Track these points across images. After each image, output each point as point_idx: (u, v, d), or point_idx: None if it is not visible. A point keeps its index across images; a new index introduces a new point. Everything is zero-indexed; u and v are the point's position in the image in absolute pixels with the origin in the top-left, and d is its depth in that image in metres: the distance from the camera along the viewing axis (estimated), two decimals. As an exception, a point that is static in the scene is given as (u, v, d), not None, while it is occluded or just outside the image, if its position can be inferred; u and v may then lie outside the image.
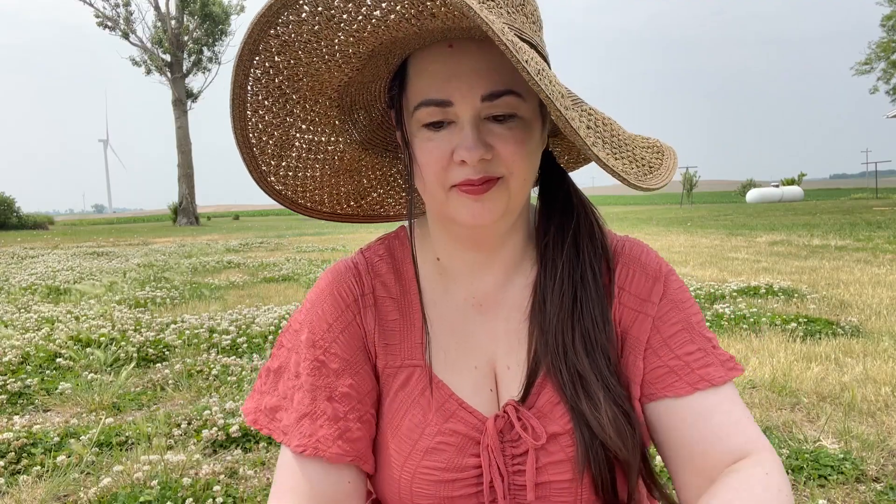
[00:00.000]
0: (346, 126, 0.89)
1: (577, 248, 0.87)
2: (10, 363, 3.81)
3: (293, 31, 0.68)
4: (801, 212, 22.01)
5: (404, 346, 0.88)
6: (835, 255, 8.67)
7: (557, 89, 0.64)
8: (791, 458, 2.35)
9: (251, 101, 0.77)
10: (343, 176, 0.95)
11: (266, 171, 0.87)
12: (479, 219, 0.77)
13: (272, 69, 0.74)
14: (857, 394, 3.03)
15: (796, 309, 5.01)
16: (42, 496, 2.24)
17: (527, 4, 0.77)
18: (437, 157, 0.76)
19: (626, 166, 0.75)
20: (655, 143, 0.85)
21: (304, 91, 0.80)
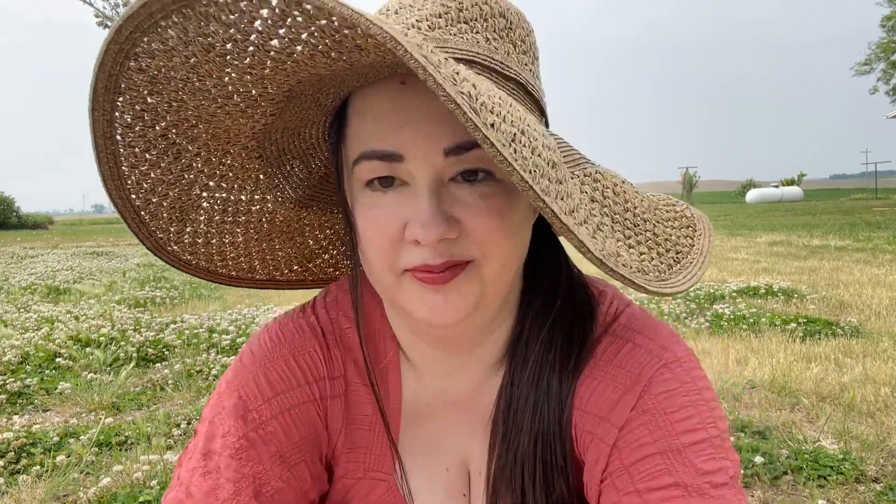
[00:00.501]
0: (276, 181, 0.70)
1: (551, 343, 0.67)
2: (9, 363, 3.81)
3: (162, 63, 0.49)
4: (801, 212, 22.02)
5: (372, 452, 0.72)
6: (834, 255, 8.67)
7: (542, 158, 0.47)
8: (791, 458, 2.36)
9: (125, 153, 0.58)
10: (278, 239, 0.76)
11: (164, 240, 0.68)
12: (441, 316, 0.58)
13: (147, 113, 0.55)
14: (857, 394, 3.03)
15: (796, 309, 5.01)
16: (42, 496, 2.24)
17: (515, 28, 0.61)
18: (382, 233, 0.57)
19: (642, 256, 0.58)
20: (684, 211, 0.68)
21: (204, 140, 0.61)
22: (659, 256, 0.59)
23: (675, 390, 0.63)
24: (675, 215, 0.66)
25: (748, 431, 2.65)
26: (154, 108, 0.55)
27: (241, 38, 0.46)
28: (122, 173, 0.59)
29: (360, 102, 0.58)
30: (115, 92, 0.52)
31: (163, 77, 0.51)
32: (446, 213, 0.55)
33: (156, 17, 0.44)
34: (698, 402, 0.62)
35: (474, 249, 0.57)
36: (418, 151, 0.55)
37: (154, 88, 0.53)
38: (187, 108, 0.55)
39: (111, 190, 0.60)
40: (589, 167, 0.62)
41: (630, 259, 0.55)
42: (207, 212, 0.68)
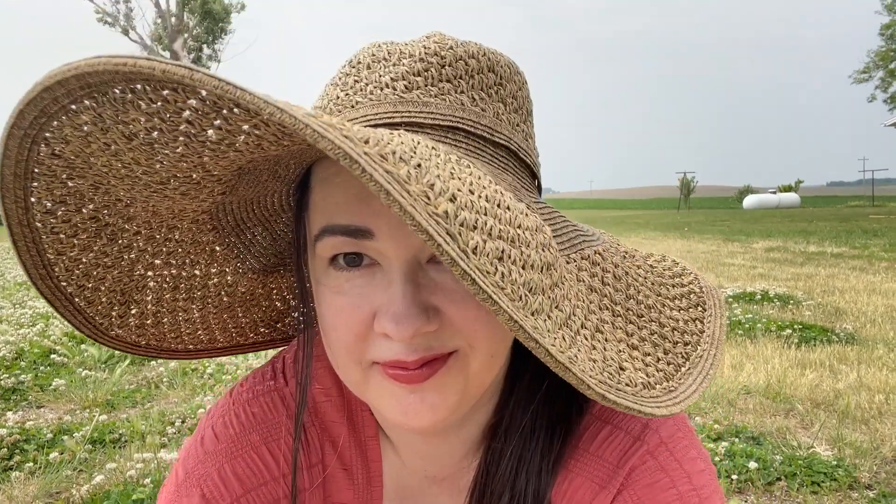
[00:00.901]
0: (235, 251, 0.61)
1: (532, 432, 0.60)
2: (4, 359, 3.80)
3: (78, 149, 0.42)
4: (798, 218, 22.07)
5: None
6: (831, 262, 8.69)
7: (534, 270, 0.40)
8: (784, 464, 2.36)
9: (48, 240, 0.50)
10: (241, 308, 0.68)
11: (105, 325, 0.59)
12: (416, 420, 0.50)
13: (70, 197, 0.48)
14: (851, 401, 3.03)
15: (792, 315, 5.02)
16: (34, 493, 2.23)
17: (506, 83, 0.55)
18: (348, 323, 0.49)
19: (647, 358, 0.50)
20: (692, 286, 0.61)
21: (144, 218, 0.53)
22: (666, 355, 0.51)
23: (659, 482, 0.56)
24: (683, 291, 0.59)
25: (742, 437, 2.65)
26: (77, 191, 0.47)
27: (167, 128, 0.38)
28: (47, 261, 0.51)
29: (324, 170, 0.50)
30: (26, 178, 0.44)
31: (81, 163, 0.44)
32: (424, 302, 0.47)
33: (62, 102, 0.38)
34: (688, 495, 0.55)
35: (457, 340, 0.49)
36: (391, 227, 0.46)
37: (74, 173, 0.45)
38: (117, 190, 0.48)
39: (35, 279, 0.51)
40: (587, 248, 0.55)
41: (634, 370, 0.47)
42: (155, 291, 0.59)
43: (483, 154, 0.52)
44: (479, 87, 0.53)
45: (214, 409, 0.65)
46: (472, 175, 0.40)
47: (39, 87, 0.36)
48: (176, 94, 0.35)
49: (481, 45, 0.55)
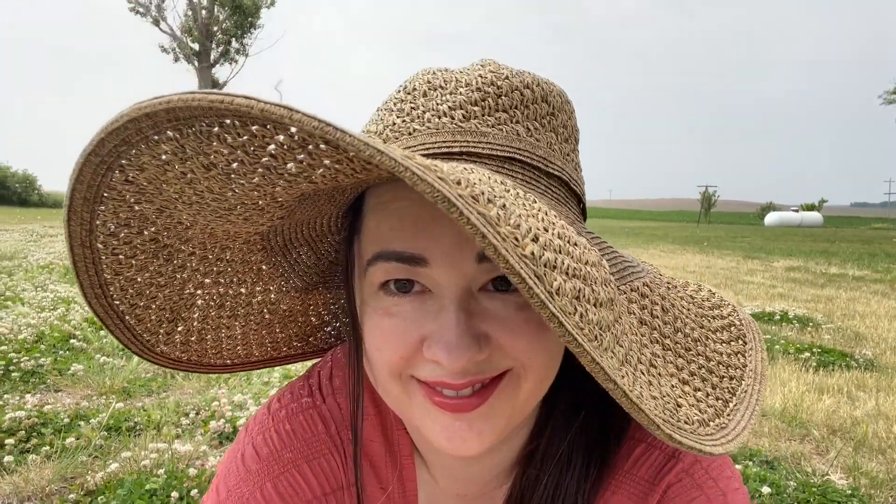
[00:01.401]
0: (281, 270, 0.62)
1: (569, 460, 0.60)
2: (24, 341, 3.85)
3: (153, 176, 0.43)
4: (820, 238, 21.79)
5: None
6: (852, 284, 8.57)
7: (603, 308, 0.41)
8: (798, 490, 2.33)
9: (108, 261, 0.50)
10: (279, 325, 0.69)
11: (153, 342, 0.60)
12: (461, 447, 0.49)
13: (134, 220, 0.48)
14: (869, 429, 2.99)
15: (811, 338, 4.96)
16: (50, 476, 2.26)
17: (558, 114, 0.55)
18: (396, 346, 0.49)
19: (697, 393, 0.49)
20: (731, 318, 0.61)
21: (201, 240, 0.54)
22: (714, 389, 0.51)
23: (696, 500, 0.57)
24: (724, 324, 0.59)
25: (756, 460, 2.62)
26: (143, 215, 0.48)
27: (249, 160, 0.38)
28: (104, 281, 0.51)
29: (378, 196, 0.51)
30: (95, 202, 0.45)
31: (153, 189, 0.44)
32: (475, 330, 0.47)
33: (146, 133, 0.38)
34: None
35: (509, 362, 0.49)
36: (446, 256, 0.47)
37: (143, 198, 0.45)
38: (181, 214, 0.48)
39: (90, 298, 0.52)
40: (636, 280, 0.54)
41: (689, 406, 0.47)
42: (202, 309, 0.61)
43: (538, 185, 0.52)
44: (534, 117, 0.53)
45: (253, 425, 0.66)
46: (541, 211, 0.41)
47: (125, 118, 0.36)
48: (265, 129, 0.35)
49: (535, 74, 0.56)
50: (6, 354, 3.56)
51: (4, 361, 3.46)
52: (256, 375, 3.54)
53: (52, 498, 2.16)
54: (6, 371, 3.38)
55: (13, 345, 3.75)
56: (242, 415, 2.81)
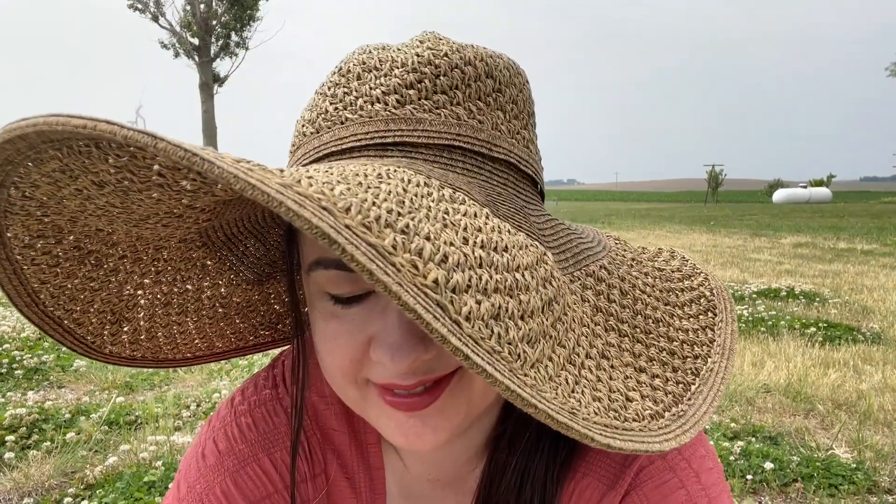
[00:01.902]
0: (228, 264, 0.60)
1: (537, 442, 0.59)
2: (27, 339, 3.87)
3: (49, 192, 0.41)
4: (829, 214, 21.64)
5: None
6: (860, 259, 8.50)
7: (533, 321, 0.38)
8: (802, 465, 2.31)
9: (31, 271, 0.49)
10: (238, 315, 0.67)
11: (98, 344, 0.58)
12: (416, 442, 0.49)
13: (47, 231, 0.47)
14: (874, 403, 2.96)
15: (817, 313, 4.92)
16: (50, 472, 2.27)
17: (505, 89, 0.52)
18: (343, 349, 0.48)
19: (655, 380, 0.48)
20: (701, 288, 0.58)
21: (129, 243, 0.52)
22: (675, 373, 0.49)
23: (668, 482, 0.55)
24: (693, 296, 0.57)
25: (759, 436, 2.60)
26: (55, 225, 0.46)
27: (139, 179, 0.37)
28: (31, 290, 0.50)
29: None
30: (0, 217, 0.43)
31: (55, 203, 0.42)
32: (420, 332, 0.45)
33: (25, 153, 0.37)
34: (697, 494, 0.54)
35: (457, 360, 0.45)
36: None
37: (49, 211, 0.44)
38: (97, 223, 0.46)
39: (21, 307, 0.50)
40: (592, 263, 0.53)
41: (642, 399, 0.45)
42: (147, 308, 0.58)
43: (481, 172, 0.49)
44: (477, 96, 0.50)
45: (215, 419, 0.64)
46: (467, 215, 0.38)
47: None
48: (144, 151, 0.34)
49: (478, 47, 0.52)
50: (9, 352, 3.58)
51: (8, 359, 3.48)
52: (258, 367, 3.54)
53: (52, 493, 2.17)
54: (9, 369, 3.40)
55: (16, 343, 3.77)
56: (243, 405, 2.82)
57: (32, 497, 2.14)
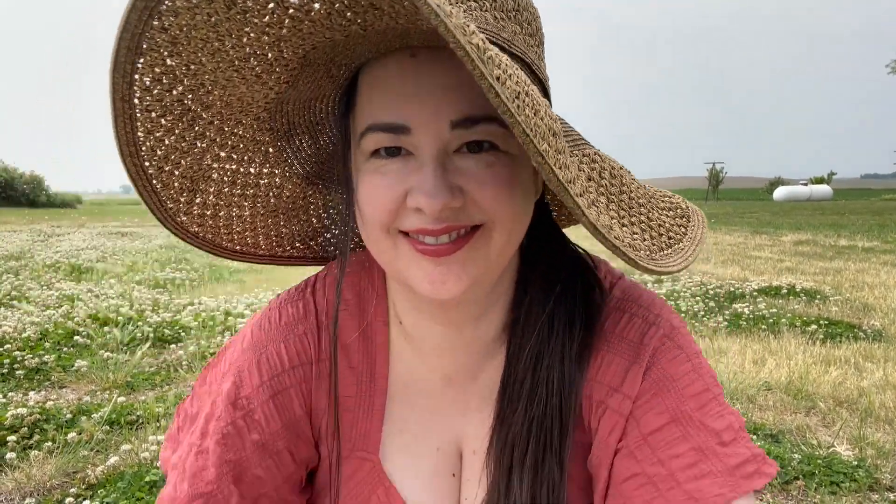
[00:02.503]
0: (284, 155, 0.71)
1: (551, 326, 0.67)
2: (28, 339, 3.87)
3: (184, 22, 0.50)
4: (830, 211, 21.61)
5: (356, 431, 0.73)
6: (861, 256, 8.49)
7: (545, 122, 0.46)
8: (803, 463, 2.31)
9: (142, 118, 0.58)
10: (283, 216, 0.77)
11: (174, 210, 0.68)
12: (441, 289, 0.58)
13: (165, 76, 0.55)
14: (875, 400, 2.96)
15: (818, 311, 4.91)
16: (51, 472, 2.27)
17: (522, 11, 0.60)
18: (384, 198, 0.58)
19: (634, 235, 0.58)
20: (680, 203, 0.69)
21: (218, 108, 0.61)
22: (651, 239, 0.60)
23: (678, 357, 0.66)
24: (671, 206, 0.67)
25: (761, 434, 2.60)
26: (172, 71, 0.55)
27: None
28: (137, 139, 0.59)
29: (369, 75, 0.59)
30: (136, 53, 0.52)
31: (184, 37, 0.51)
32: (450, 182, 0.56)
33: None
34: (699, 367, 0.66)
35: (481, 216, 0.57)
36: (425, 124, 0.56)
37: (174, 50, 0.52)
38: (205, 71, 0.55)
39: (125, 156, 0.60)
40: (588, 149, 0.61)
41: (622, 234, 0.56)
42: (217, 183, 0.69)
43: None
44: (500, 9, 0.57)
45: (257, 314, 0.77)
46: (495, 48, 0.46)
47: None
48: None
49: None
50: (10, 353, 3.58)
51: (9, 360, 3.48)
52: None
53: (53, 493, 2.17)
54: (11, 369, 3.40)
55: (17, 343, 3.77)
56: (244, 405, 2.81)
57: (34, 497, 2.14)
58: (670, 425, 0.63)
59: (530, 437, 0.66)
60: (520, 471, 0.65)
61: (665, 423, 0.63)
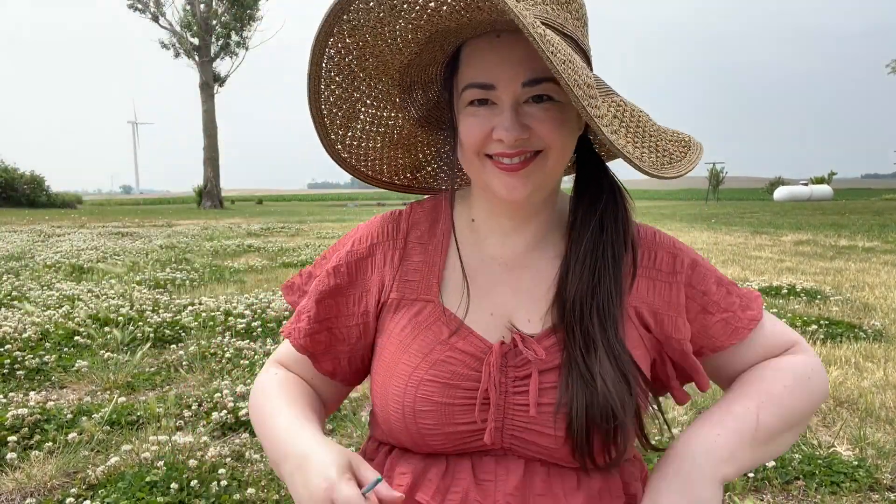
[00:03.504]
0: (406, 104, 0.98)
1: (602, 228, 0.91)
2: (29, 339, 3.87)
3: (362, 17, 0.79)
4: (830, 211, 21.60)
5: (422, 283, 0.96)
6: (862, 256, 8.49)
7: (582, 79, 0.72)
8: (803, 463, 2.31)
9: (325, 77, 0.87)
10: (401, 149, 1.04)
11: (334, 140, 0.98)
12: (514, 192, 0.85)
13: (343, 49, 0.84)
14: (876, 400, 2.96)
15: (818, 311, 4.91)
16: (52, 472, 2.27)
17: (572, 2, 0.84)
18: (477, 132, 0.84)
19: (643, 153, 0.83)
20: (685, 137, 0.90)
21: (370, 70, 0.89)
22: (657, 157, 0.85)
23: (706, 276, 0.97)
24: (679, 138, 0.90)
25: (761, 434, 2.59)
26: (348, 46, 0.84)
27: (412, 1, 0.76)
28: (319, 90, 0.89)
29: (469, 48, 0.85)
30: (329, 34, 0.82)
31: (360, 25, 0.81)
32: (521, 123, 0.82)
33: None
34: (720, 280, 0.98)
35: (540, 144, 0.83)
36: (506, 82, 0.82)
37: (353, 32, 0.82)
38: (368, 46, 0.84)
39: (312, 101, 0.90)
40: (616, 97, 0.87)
41: (633, 151, 0.81)
42: (363, 122, 0.97)
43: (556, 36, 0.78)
44: (555, 2, 0.82)
45: (356, 230, 1.04)
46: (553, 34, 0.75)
47: None
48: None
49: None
50: (11, 353, 3.58)
51: (10, 360, 3.48)
52: (259, 367, 3.55)
53: (54, 493, 2.17)
54: (11, 370, 3.41)
55: (18, 343, 3.77)
56: (244, 405, 2.81)
57: (35, 497, 2.14)
58: (719, 288, 0.96)
59: (596, 263, 0.90)
60: (590, 296, 0.89)
61: (715, 287, 0.96)
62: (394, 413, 0.91)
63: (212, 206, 34.82)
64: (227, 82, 37.38)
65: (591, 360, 0.85)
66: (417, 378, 0.89)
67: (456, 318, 0.92)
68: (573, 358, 0.86)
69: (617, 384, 0.84)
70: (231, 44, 36.71)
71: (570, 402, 0.84)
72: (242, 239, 12.28)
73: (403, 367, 0.91)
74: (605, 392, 0.83)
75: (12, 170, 34.96)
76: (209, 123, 35.59)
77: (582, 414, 0.83)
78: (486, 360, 0.88)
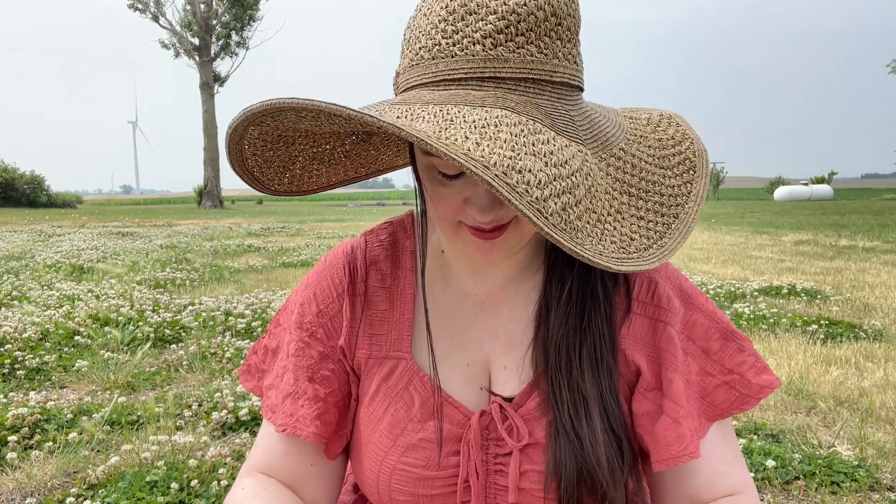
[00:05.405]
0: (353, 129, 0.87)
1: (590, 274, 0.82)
2: (29, 339, 3.87)
3: (276, 126, 0.73)
4: (830, 211, 21.60)
5: (391, 336, 0.87)
6: (862, 256, 8.49)
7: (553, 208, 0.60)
8: (804, 463, 2.31)
9: (249, 155, 0.80)
10: (353, 158, 0.95)
11: (277, 189, 0.89)
12: (489, 257, 0.77)
13: (267, 134, 0.77)
14: (876, 400, 2.96)
15: (818, 311, 4.91)
16: (52, 472, 2.27)
17: (563, 21, 0.68)
18: (449, 203, 0.74)
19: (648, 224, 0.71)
20: (687, 153, 0.78)
21: (301, 133, 0.81)
22: (663, 217, 0.72)
23: (698, 321, 0.85)
24: (680, 159, 0.77)
25: (761, 434, 2.60)
26: (269, 130, 0.75)
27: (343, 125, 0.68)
28: (245, 164, 0.80)
29: None
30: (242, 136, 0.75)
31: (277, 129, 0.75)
32: (497, 198, 0.71)
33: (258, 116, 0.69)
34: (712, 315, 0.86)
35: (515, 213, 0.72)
36: None
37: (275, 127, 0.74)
38: (295, 130, 0.77)
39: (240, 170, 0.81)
40: (614, 146, 0.74)
41: (640, 238, 0.70)
42: (301, 162, 0.87)
43: (543, 93, 0.68)
44: (544, 34, 0.67)
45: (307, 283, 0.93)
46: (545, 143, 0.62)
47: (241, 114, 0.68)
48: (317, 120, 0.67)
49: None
50: (11, 353, 3.58)
51: (10, 360, 3.48)
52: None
53: (54, 493, 2.17)
54: (11, 369, 3.41)
55: (18, 343, 3.77)
56: (245, 405, 2.81)
57: (35, 497, 2.14)
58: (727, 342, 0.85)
59: (584, 300, 0.81)
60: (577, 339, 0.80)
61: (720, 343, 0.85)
62: (370, 490, 0.86)
63: (212, 205, 34.82)
64: (227, 82, 37.39)
65: (580, 424, 0.76)
66: (390, 465, 0.82)
67: (429, 383, 0.84)
68: (560, 422, 0.77)
69: (609, 452, 0.76)
70: (231, 44, 36.71)
71: (558, 481, 0.76)
72: (242, 239, 12.28)
73: (374, 449, 0.84)
74: (594, 461, 0.75)
75: (12, 170, 34.96)
76: (209, 123, 35.59)
77: (573, 492, 0.76)
78: (464, 437, 0.81)
